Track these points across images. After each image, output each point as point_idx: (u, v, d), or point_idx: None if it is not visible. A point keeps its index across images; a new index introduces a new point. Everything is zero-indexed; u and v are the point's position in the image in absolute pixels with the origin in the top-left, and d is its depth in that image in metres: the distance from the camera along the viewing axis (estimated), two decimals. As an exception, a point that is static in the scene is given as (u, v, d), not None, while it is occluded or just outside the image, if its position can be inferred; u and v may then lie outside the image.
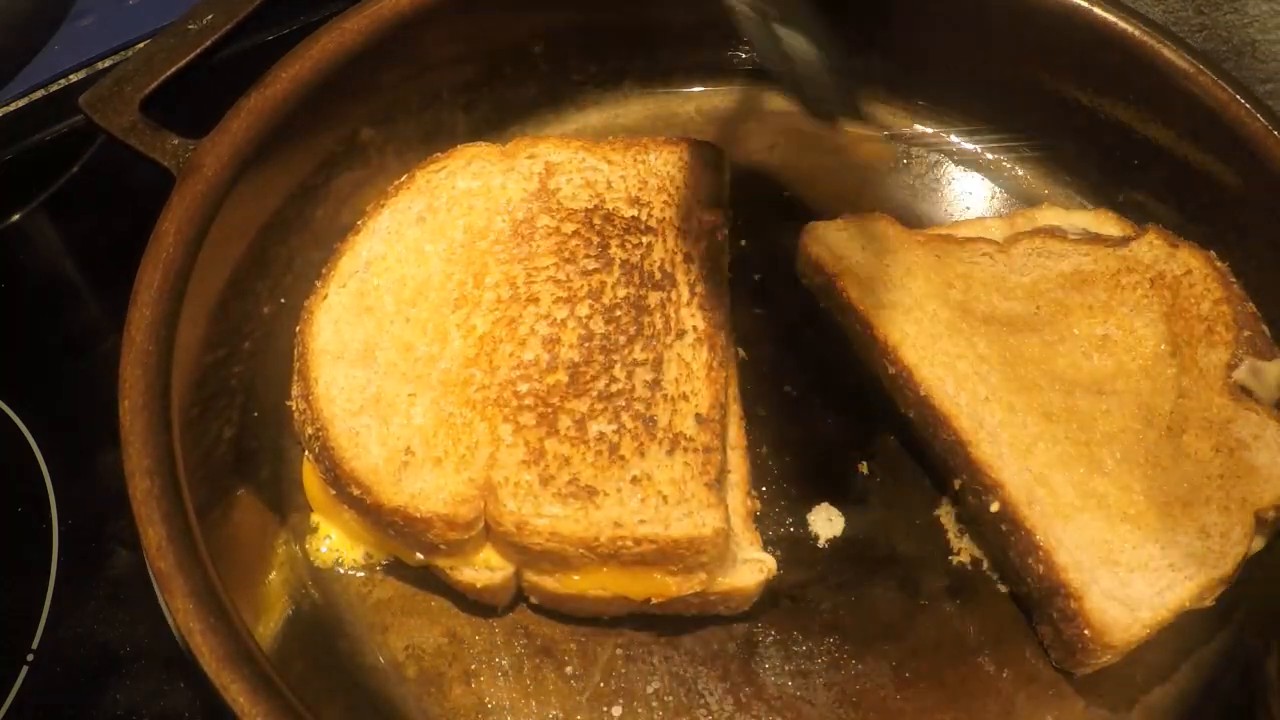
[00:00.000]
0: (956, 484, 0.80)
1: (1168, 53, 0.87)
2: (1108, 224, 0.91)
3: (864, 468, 0.84)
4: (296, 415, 0.78)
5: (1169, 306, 0.84)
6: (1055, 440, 0.77)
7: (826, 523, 0.82)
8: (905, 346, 0.81)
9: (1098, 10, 0.89)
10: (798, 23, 0.74)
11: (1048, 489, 0.75)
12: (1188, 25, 0.99)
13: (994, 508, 0.76)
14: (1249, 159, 0.84)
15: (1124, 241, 0.87)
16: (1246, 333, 0.81)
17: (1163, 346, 0.82)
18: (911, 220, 0.95)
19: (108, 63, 1.08)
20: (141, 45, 0.87)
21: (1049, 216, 0.91)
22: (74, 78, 1.08)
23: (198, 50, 0.85)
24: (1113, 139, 0.93)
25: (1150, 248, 0.87)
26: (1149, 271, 0.85)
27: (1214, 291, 0.83)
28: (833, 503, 0.82)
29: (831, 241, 0.87)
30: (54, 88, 1.07)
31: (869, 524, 0.82)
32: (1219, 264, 0.85)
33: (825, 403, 0.87)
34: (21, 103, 1.06)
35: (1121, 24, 0.89)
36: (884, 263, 0.85)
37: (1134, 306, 0.84)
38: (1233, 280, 0.84)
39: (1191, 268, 0.85)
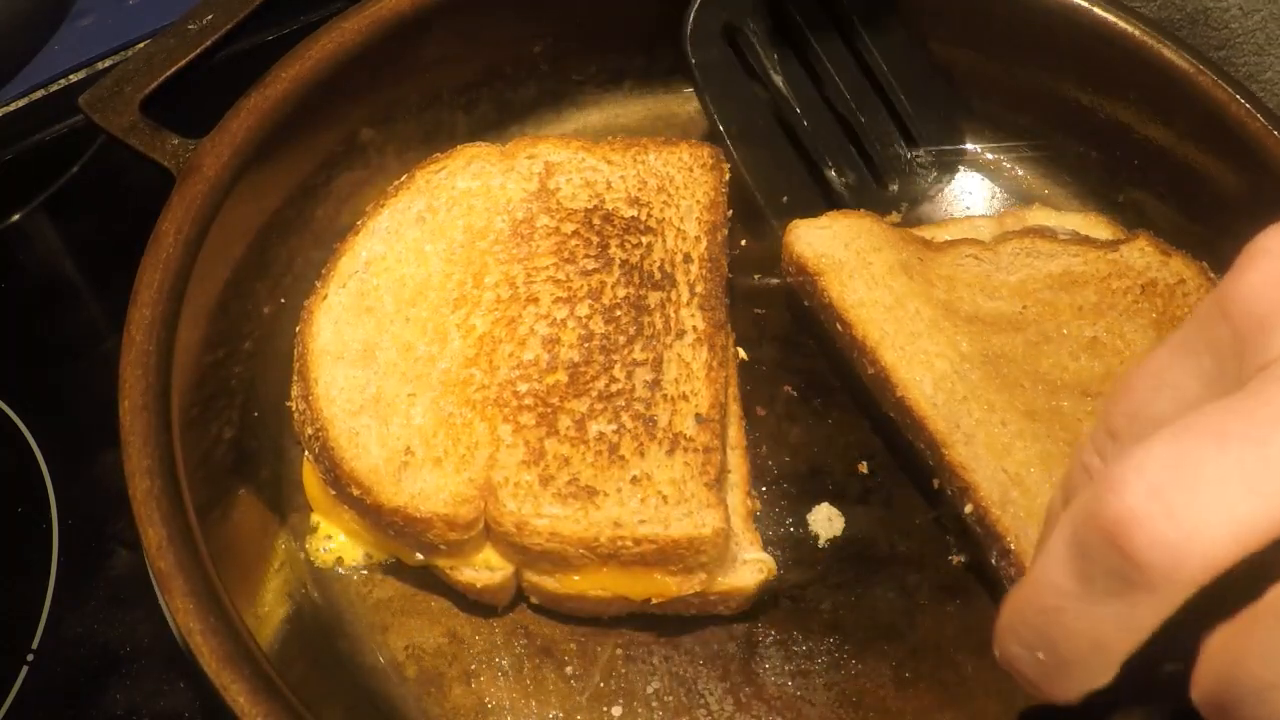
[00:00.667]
0: (935, 484, 0.79)
1: (1168, 53, 0.87)
2: (1098, 227, 0.90)
3: (864, 468, 0.84)
4: (296, 416, 0.78)
5: (1159, 314, 0.83)
6: (1036, 438, 0.76)
7: (826, 523, 0.81)
8: (884, 346, 0.80)
9: (1098, 10, 0.89)
10: None
11: (1022, 490, 0.74)
12: (1143, -5, 1.00)
13: (967, 510, 0.75)
14: (1249, 159, 0.84)
15: (1114, 245, 0.87)
16: None
17: None
18: (910, 220, 0.95)
19: (108, 63, 1.08)
20: (141, 45, 0.86)
21: (1039, 216, 0.91)
22: (74, 78, 1.08)
23: (198, 50, 0.85)
24: (1113, 139, 0.93)
25: (1141, 254, 0.86)
26: (1140, 278, 0.85)
27: None
28: (833, 503, 0.82)
29: (814, 240, 0.86)
30: (54, 88, 1.07)
31: (869, 524, 0.82)
32: (1212, 275, 0.85)
33: (825, 403, 0.87)
34: (21, 103, 1.06)
35: (1121, 24, 0.89)
36: (866, 261, 0.84)
37: (1124, 311, 0.83)
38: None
39: (1185, 277, 0.84)
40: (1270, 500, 0.40)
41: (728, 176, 0.89)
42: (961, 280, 0.85)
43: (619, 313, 0.80)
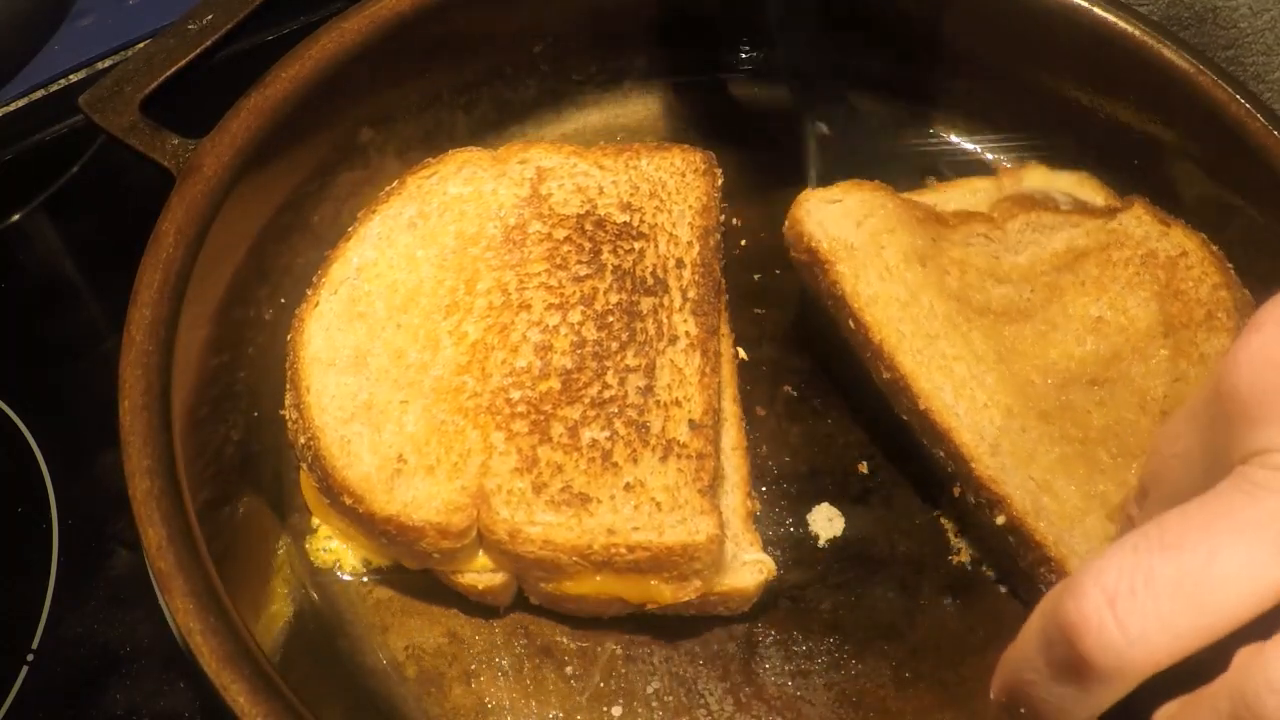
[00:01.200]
0: (956, 491, 0.78)
1: (1168, 53, 0.87)
2: (1089, 187, 0.89)
3: (864, 468, 0.84)
4: (290, 425, 0.78)
5: (1162, 287, 0.82)
6: (1054, 442, 0.76)
7: (826, 523, 0.81)
8: (902, 351, 0.78)
9: (1098, 10, 0.89)
10: None
11: (1052, 496, 0.74)
12: (1150, -8, 1.00)
13: (1000, 520, 0.74)
14: (1249, 159, 0.84)
15: (1111, 213, 0.86)
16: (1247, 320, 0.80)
17: (1156, 327, 0.80)
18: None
19: (108, 63, 1.08)
20: (141, 45, 0.87)
21: (1035, 177, 0.89)
22: (74, 78, 1.08)
23: (198, 50, 0.85)
24: (1113, 139, 0.93)
25: (1139, 222, 0.85)
26: (1140, 248, 0.84)
27: (1212, 276, 0.82)
28: (833, 503, 0.82)
29: (824, 218, 0.82)
30: (54, 88, 1.07)
31: (869, 524, 0.82)
32: (1214, 248, 0.84)
33: (825, 403, 0.87)
34: (21, 103, 1.06)
35: (1121, 24, 0.89)
36: (879, 246, 0.81)
37: (1126, 284, 0.82)
38: (1229, 266, 0.83)
39: (1187, 249, 0.83)
40: (1207, 615, 0.45)
41: (720, 181, 0.89)
42: (973, 265, 0.84)
43: (611, 319, 0.80)
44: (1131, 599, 0.45)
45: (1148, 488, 0.54)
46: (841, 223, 0.83)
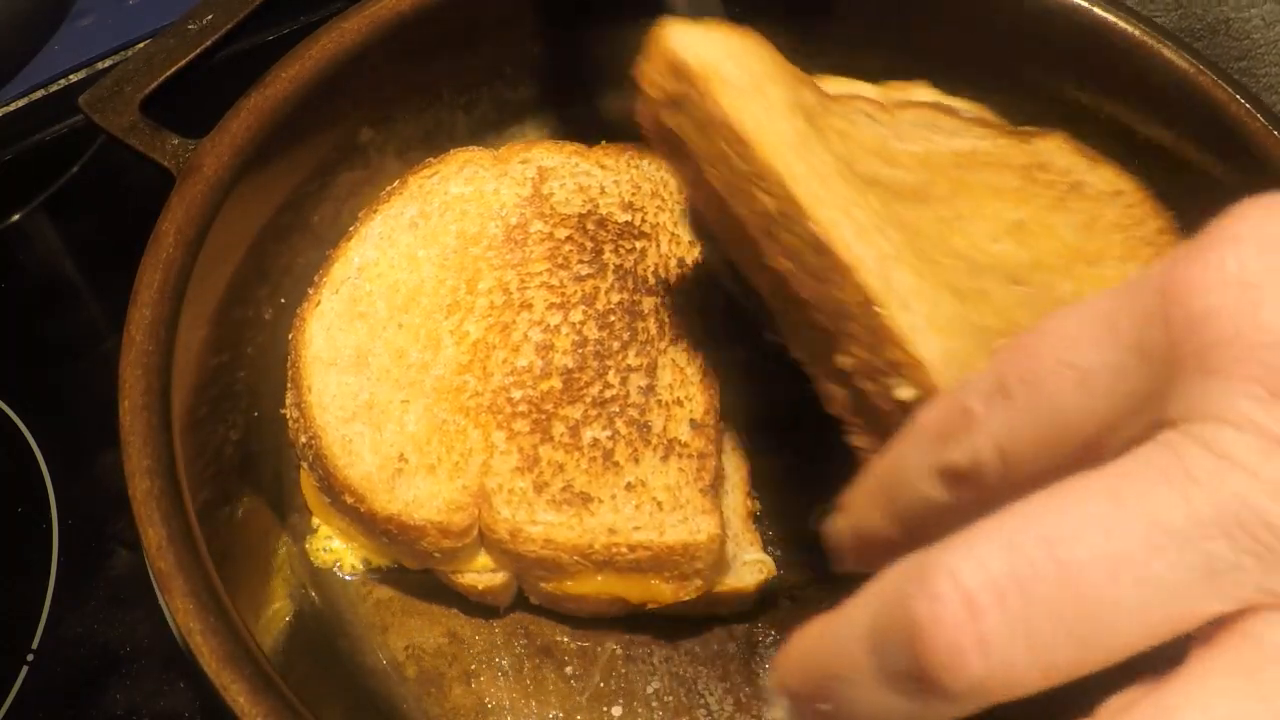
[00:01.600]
0: (847, 360, 0.60)
1: (1168, 53, 0.87)
2: (987, 116, 0.85)
3: (864, 468, 0.84)
4: (291, 424, 0.78)
5: (1091, 218, 0.76)
6: (972, 323, 0.59)
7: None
8: (793, 179, 0.60)
9: (1098, 10, 0.89)
10: None
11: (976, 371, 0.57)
12: (1162, 3, 0.99)
13: (903, 395, 0.56)
14: (1249, 159, 0.84)
15: (1025, 135, 0.82)
16: None
17: (1087, 253, 0.73)
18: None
19: (108, 63, 1.08)
20: (141, 45, 0.86)
21: (924, 95, 0.83)
22: (74, 78, 1.08)
23: (198, 50, 0.85)
24: (1113, 139, 0.93)
25: (1061, 152, 0.81)
26: (1066, 176, 0.79)
27: (1155, 219, 0.79)
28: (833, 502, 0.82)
29: (695, 44, 0.64)
30: (54, 88, 1.07)
31: (869, 524, 0.82)
32: (1150, 192, 0.81)
33: (825, 402, 0.87)
34: (21, 103, 1.06)
35: (1121, 24, 0.89)
36: (761, 88, 0.64)
37: (1050, 204, 0.76)
38: (1170, 212, 0.80)
39: (1123, 189, 0.80)
40: (1094, 650, 0.34)
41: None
42: (857, 140, 0.70)
43: (613, 318, 0.80)
44: (1000, 611, 0.34)
45: (1012, 387, 0.39)
46: (715, 51, 0.64)
